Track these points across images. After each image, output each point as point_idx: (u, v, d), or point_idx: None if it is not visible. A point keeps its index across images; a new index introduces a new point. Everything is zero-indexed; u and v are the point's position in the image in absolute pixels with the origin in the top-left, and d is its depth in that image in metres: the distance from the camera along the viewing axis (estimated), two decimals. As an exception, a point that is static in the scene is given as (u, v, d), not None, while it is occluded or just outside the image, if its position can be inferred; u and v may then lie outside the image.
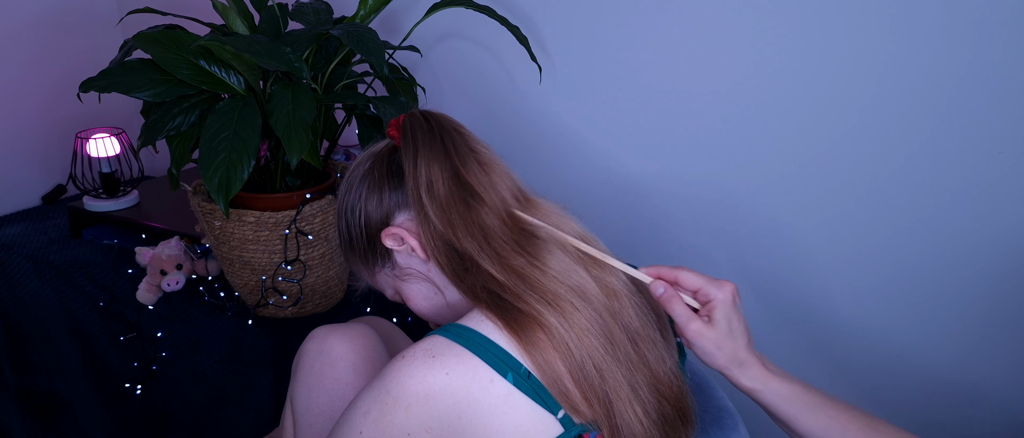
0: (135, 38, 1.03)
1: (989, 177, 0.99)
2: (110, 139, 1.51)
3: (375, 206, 0.73)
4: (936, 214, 1.04)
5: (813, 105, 1.09)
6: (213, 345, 1.22)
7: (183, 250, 1.28)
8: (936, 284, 1.07)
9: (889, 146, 1.05)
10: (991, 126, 0.97)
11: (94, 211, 1.50)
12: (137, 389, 1.23)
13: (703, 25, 1.15)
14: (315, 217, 1.11)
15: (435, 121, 0.71)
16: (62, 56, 1.72)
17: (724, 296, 0.69)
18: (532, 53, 1.18)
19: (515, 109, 1.39)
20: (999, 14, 0.92)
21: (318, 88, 1.12)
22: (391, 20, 1.46)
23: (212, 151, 0.96)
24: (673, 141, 1.23)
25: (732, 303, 0.69)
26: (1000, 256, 1.01)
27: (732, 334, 0.69)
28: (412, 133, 0.70)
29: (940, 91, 0.99)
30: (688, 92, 1.20)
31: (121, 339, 1.25)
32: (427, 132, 0.70)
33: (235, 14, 1.12)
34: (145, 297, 1.24)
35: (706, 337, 0.68)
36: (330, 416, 0.82)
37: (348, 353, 0.84)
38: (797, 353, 1.23)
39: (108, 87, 1.01)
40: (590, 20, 1.25)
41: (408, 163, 0.69)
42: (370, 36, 1.03)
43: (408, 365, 0.60)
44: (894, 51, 1.01)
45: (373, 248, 0.74)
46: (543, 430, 0.61)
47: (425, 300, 0.75)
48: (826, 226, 1.13)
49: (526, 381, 0.60)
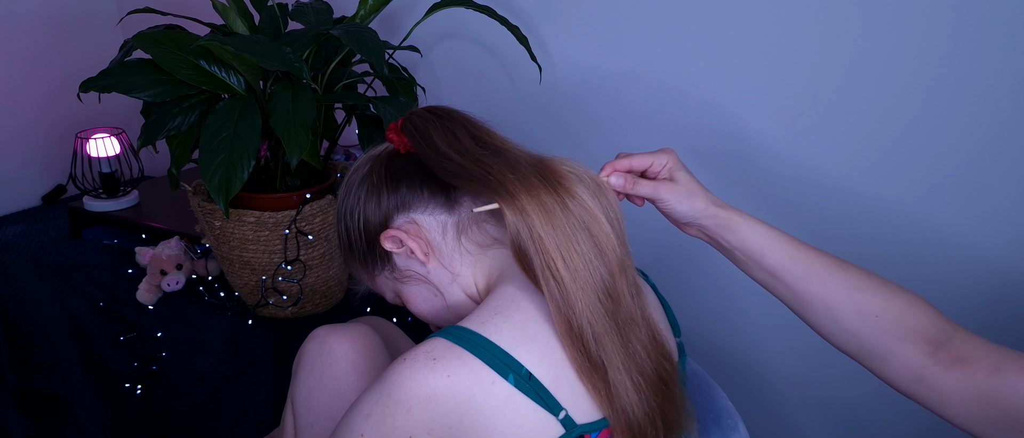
0: (135, 38, 1.03)
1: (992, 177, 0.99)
2: (110, 139, 1.51)
3: (374, 209, 0.73)
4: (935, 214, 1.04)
5: (814, 107, 1.09)
6: (213, 345, 1.21)
7: (183, 250, 1.28)
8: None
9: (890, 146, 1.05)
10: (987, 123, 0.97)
11: (94, 211, 1.50)
12: (137, 389, 1.23)
13: (703, 25, 1.15)
14: (315, 217, 1.11)
15: (437, 110, 0.72)
16: (62, 56, 1.72)
17: (670, 157, 0.75)
18: (532, 53, 1.18)
19: (515, 109, 1.39)
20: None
21: (318, 88, 1.12)
22: (391, 20, 1.46)
23: (212, 151, 0.96)
24: (673, 141, 1.23)
25: (678, 160, 0.75)
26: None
27: (695, 181, 0.75)
28: (419, 127, 0.70)
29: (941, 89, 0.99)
30: (688, 92, 1.20)
31: (121, 339, 1.25)
32: (434, 121, 0.70)
33: (235, 14, 1.12)
34: (145, 297, 1.24)
35: (678, 191, 0.74)
36: (331, 416, 0.82)
37: (349, 353, 0.84)
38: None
39: (108, 87, 1.00)
40: (590, 20, 1.25)
41: (424, 149, 0.69)
42: (370, 36, 1.03)
43: (409, 367, 0.60)
44: (894, 52, 1.01)
45: (372, 251, 0.74)
46: (544, 431, 0.61)
47: (425, 302, 0.75)
48: (827, 226, 1.14)
49: (527, 382, 0.61)
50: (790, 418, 1.29)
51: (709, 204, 0.74)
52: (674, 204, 0.74)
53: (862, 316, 0.68)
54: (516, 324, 0.63)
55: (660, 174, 0.75)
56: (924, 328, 0.66)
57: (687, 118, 1.21)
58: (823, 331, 0.71)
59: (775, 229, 0.73)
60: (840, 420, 1.23)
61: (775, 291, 0.74)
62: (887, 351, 0.67)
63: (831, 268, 0.70)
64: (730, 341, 1.30)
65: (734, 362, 1.31)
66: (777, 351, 1.26)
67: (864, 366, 0.70)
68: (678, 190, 0.74)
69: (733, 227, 0.73)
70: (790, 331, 1.23)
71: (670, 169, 0.75)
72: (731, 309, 1.28)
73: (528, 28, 1.29)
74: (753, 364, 1.29)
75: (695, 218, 0.74)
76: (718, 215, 0.74)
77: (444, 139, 0.69)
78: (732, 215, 0.73)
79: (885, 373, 0.68)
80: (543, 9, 1.30)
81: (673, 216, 0.76)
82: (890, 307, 0.67)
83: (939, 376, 0.64)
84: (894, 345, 0.66)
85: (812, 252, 0.71)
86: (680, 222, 0.77)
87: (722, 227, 0.74)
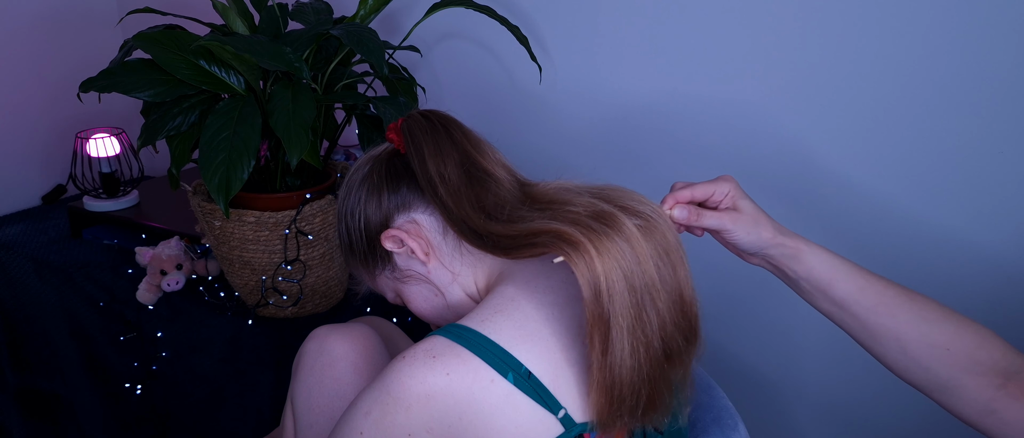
0: (135, 38, 1.03)
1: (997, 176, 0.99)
2: (110, 139, 1.51)
3: (374, 209, 0.73)
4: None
5: (819, 108, 1.09)
6: (213, 345, 1.21)
7: (183, 250, 1.28)
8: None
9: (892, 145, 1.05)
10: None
11: (94, 211, 1.50)
12: (137, 389, 1.23)
13: (703, 25, 1.15)
14: (315, 217, 1.11)
15: (434, 117, 0.72)
16: (62, 56, 1.72)
17: (731, 185, 0.71)
18: (532, 53, 1.18)
19: (515, 109, 1.39)
20: None
21: (318, 88, 1.12)
22: (391, 20, 1.46)
23: (212, 151, 0.96)
24: (673, 141, 1.23)
25: (739, 187, 0.72)
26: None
27: (759, 209, 0.71)
28: (414, 132, 0.70)
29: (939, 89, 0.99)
30: (688, 92, 1.20)
31: (121, 339, 1.25)
32: (428, 129, 0.70)
33: (235, 14, 1.12)
34: (145, 297, 1.24)
35: (744, 221, 0.70)
36: (330, 416, 0.82)
37: (348, 353, 0.84)
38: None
39: (108, 87, 1.00)
40: (590, 20, 1.25)
41: (415, 160, 0.69)
42: (370, 36, 1.03)
43: (409, 365, 0.60)
44: (893, 53, 1.01)
45: (373, 251, 0.74)
46: (544, 430, 0.61)
47: (426, 302, 0.75)
48: (838, 236, 1.14)
49: (527, 381, 0.61)
50: (790, 418, 1.29)
51: (775, 233, 0.71)
52: (741, 235, 0.71)
53: (933, 349, 0.66)
54: (516, 323, 0.63)
55: (722, 203, 0.72)
56: (995, 361, 0.65)
57: (687, 118, 1.21)
58: (891, 363, 0.70)
59: (843, 258, 0.70)
60: (840, 420, 1.23)
61: (841, 322, 0.71)
62: (957, 384, 0.66)
63: (900, 299, 0.68)
64: (730, 341, 1.30)
65: (734, 362, 1.31)
66: (777, 351, 1.26)
67: (931, 398, 0.69)
68: (744, 220, 0.71)
69: (800, 257, 0.70)
70: (790, 331, 1.23)
71: (732, 198, 0.71)
72: (731, 309, 1.28)
73: (528, 28, 1.29)
74: (753, 364, 1.29)
75: (761, 248, 0.71)
76: (784, 244, 0.71)
77: (434, 160, 0.68)
78: (799, 244, 0.71)
79: (953, 405, 0.67)
80: (543, 9, 1.30)
81: (738, 247, 0.73)
82: (961, 339, 0.66)
83: (1009, 408, 0.64)
84: (964, 378, 0.65)
85: (881, 282, 0.69)
86: (743, 253, 0.74)
87: (788, 257, 0.71)
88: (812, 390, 1.24)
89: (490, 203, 0.67)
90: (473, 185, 0.68)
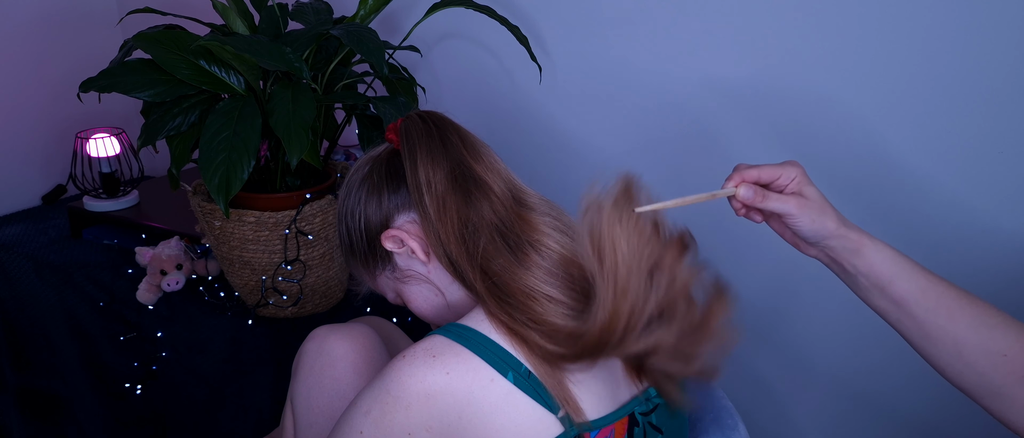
0: (135, 38, 1.03)
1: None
2: (110, 139, 1.51)
3: (375, 209, 0.73)
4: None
5: (819, 106, 1.09)
6: (213, 345, 1.21)
7: (183, 250, 1.28)
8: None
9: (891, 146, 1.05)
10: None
11: (94, 211, 1.50)
12: (137, 389, 1.23)
13: (703, 24, 1.15)
14: (315, 217, 1.11)
15: (432, 120, 0.72)
16: (62, 56, 1.72)
17: (798, 170, 0.69)
18: (532, 53, 1.18)
19: (515, 109, 1.39)
20: None
21: (318, 88, 1.12)
22: (391, 20, 1.46)
23: (212, 151, 0.96)
24: (673, 141, 1.23)
25: (805, 174, 0.70)
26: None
27: (824, 198, 0.69)
28: (410, 134, 0.70)
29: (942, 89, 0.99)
30: (688, 91, 1.20)
31: (121, 339, 1.25)
32: (424, 133, 0.70)
33: (235, 14, 1.12)
34: (145, 297, 1.24)
35: (810, 208, 0.68)
36: (330, 416, 0.82)
37: (348, 353, 0.84)
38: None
39: (108, 87, 1.01)
40: (590, 20, 1.25)
41: (407, 164, 0.70)
42: (370, 36, 1.03)
43: (409, 365, 0.60)
44: (891, 55, 1.01)
45: (373, 251, 0.74)
46: (543, 429, 0.61)
47: (426, 302, 0.75)
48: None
49: (526, 380, 0.61)
50: (790, 418, 1.29)
51: (839, 224, 0.69)
52: (805, 222, 0.69)
53: (990, 355, 0.65)
54: (516, 322, 0.63)
55: (788, 188, 0.70)
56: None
57: (688, 118, 1.21)
58: (944, 366, 0.68)
59: (905, 257, 0.69)
60: (840, 420, 1.23)
61: (896, 321, 0.70)
62: (1010, 391, 0.64)
63: (962, 302, 0.66)
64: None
65: (734, 362, 1.31)
66: (777, 351, 1.26)
67: (981, 404, 0.67)
68: (810, 207, 0.68)
69: (862, 251, 0.68)
70: (790, 331, 1.23)
71: (799, 183, 0.69)
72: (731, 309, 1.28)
73: (528, 28, 1.29)
74: (753, 364, 1.29)
75: (823, 238, 0.69)
76: (847, 236, 0.69)
77: (423, 166, 0.69)
78: (862, 238, 0.69)
79: (1002, 412, 0.66)
80: (543, 9, 1.30)
81: (799, 235, 0.71)
82: (1020, 347, 0.64)
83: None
84: (1018, 386, 0.64)
85: (943, 284, 0.67)
86: (804, 242, 0.72)
87: (849, 250, 0.69)
88: (812, 390, 1.24)
89: (473, 219, 0.67)
90: (459, 194, 0.67)
